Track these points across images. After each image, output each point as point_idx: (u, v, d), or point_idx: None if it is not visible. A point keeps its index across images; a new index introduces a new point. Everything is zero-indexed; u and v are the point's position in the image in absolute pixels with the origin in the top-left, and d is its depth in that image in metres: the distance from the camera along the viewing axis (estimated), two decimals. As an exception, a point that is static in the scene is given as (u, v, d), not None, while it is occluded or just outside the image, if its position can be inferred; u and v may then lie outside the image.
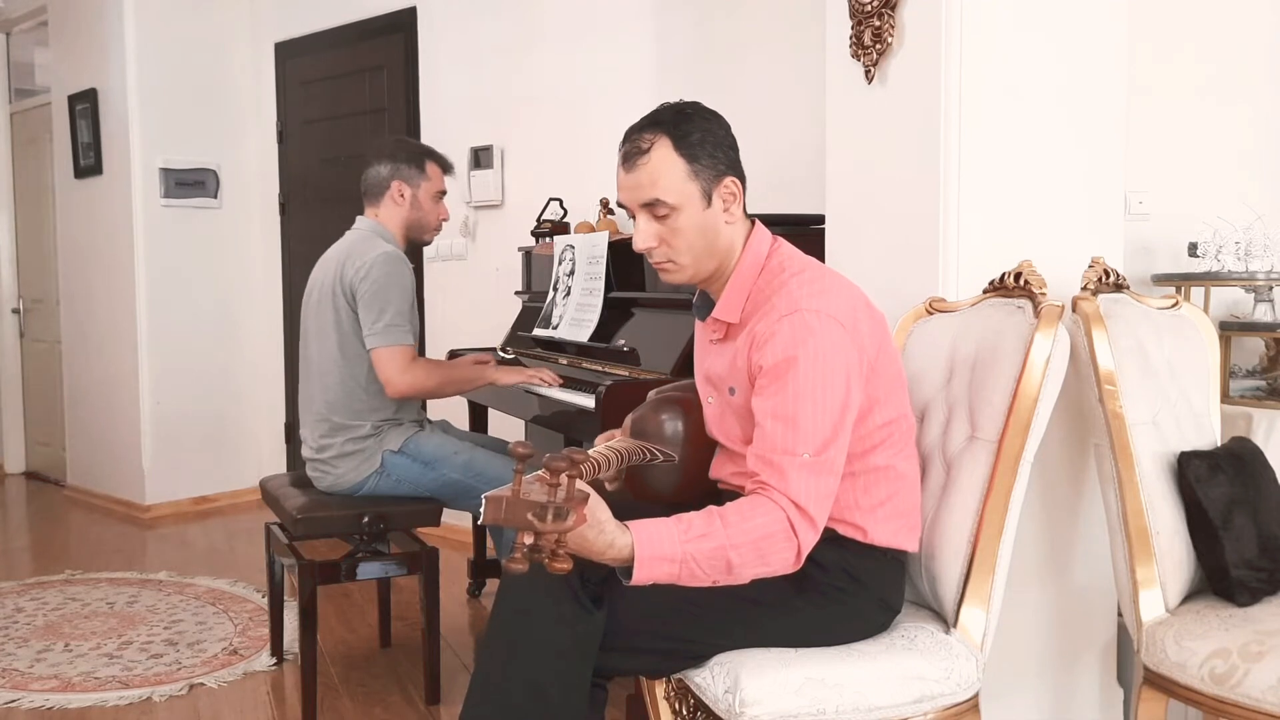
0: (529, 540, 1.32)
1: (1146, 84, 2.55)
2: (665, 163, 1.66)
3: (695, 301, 1.86)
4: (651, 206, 1.68)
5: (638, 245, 1.72)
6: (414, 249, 3.10)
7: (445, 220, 2.94)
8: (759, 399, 1.62)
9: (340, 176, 4.85)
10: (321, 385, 2.75)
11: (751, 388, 1.66)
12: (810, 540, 1.56)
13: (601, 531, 1.45)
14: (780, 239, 1.80)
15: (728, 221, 1.72)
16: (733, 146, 1.73)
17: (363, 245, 2.74)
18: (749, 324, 1.69)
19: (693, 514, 1.54)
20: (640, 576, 1.49)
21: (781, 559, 1.55)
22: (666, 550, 1.49)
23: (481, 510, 1.38)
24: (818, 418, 1.57)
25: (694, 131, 1.68)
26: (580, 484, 1.49)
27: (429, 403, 4.08)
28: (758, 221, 1.79)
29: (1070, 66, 2.17)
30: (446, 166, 2.93)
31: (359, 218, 2.87)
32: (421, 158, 2.85)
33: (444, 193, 2.91)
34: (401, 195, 2.82)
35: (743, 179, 1.74)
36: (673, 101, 1.74)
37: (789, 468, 1.55)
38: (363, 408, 2.71)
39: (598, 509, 1.46)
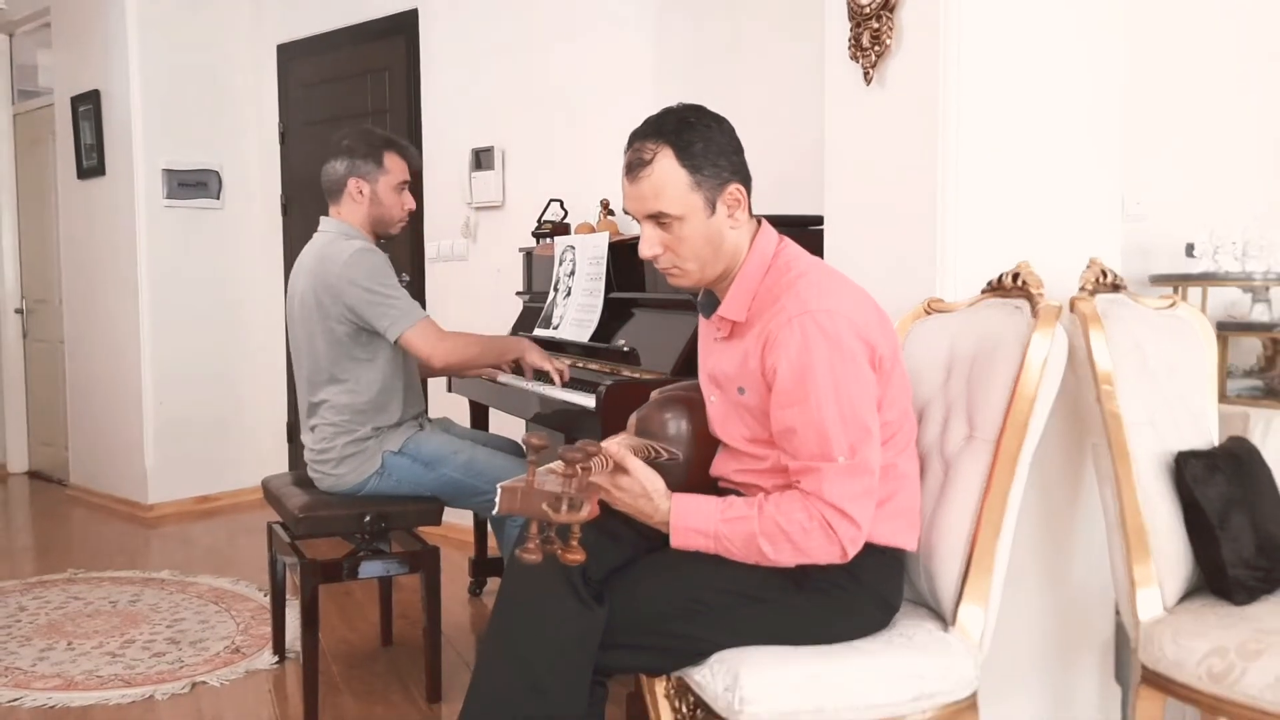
0: (554, 521, 1.38)
1: (1144, 85, 2.55)
2: (668, 174, 1.67)
3: (699, 299, 1.87)
4: (655, 217, 1.70)
5: (643, 253, 1.74)
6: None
7: (411, 210, 2.81)
8: (785, 409, 1.64)
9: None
10: (315, 392, 2.74)
11: (766, 388, 1.67)
12: (853, 536, 1.62)
13: (650, 499, 1.64)
14: (786, 239, 1.80)
15: (732, 227, 1.73)
16: (737, 151, 1.73)
17: (332, 249, 2.66)
18: (757, 323, 1.70)
19: (737, 498, 1.68)
20: (677, 543, 1.65)
21: (824, 552, 1.62)
22: (701, 524, 1.64)
23: (496, 500, 1.40)
24: (845, 420, 1.61)
25: (696, 141, 1.68)
26: (621, 457, 1.60)
27: (430, 400, 4.07)
28: (764, 221, 1.80)
29: (1067, 67, 2.18)
30: (408, 155, 2.79)
31: (323, 219, 2.78)
32: (379, 150, 2.72)
33: (406, 182, 2.78)
34: (360, 192, 2.72)
35: (748, 182, 1.75)
36: (675, 106, 1.73)
37: (825, 473, 1.60)
38: (365, 409, 2.70)
39: (649, 478, 1.64)
